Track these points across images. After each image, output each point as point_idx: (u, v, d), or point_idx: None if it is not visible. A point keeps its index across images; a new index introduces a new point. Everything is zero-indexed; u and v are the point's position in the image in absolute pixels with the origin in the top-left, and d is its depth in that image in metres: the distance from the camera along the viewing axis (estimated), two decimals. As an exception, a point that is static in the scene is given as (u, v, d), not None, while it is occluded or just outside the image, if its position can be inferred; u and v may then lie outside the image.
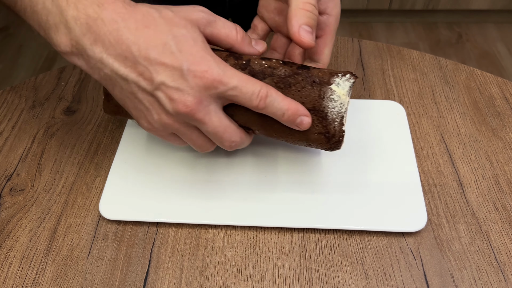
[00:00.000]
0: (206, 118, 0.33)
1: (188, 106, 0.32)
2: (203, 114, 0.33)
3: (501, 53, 1.70)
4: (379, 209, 0.42)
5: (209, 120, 0.33)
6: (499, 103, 0.53)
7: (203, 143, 0.36)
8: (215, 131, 0.34)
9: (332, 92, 0.36)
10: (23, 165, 0.47)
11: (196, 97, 0.32)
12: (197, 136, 0.35)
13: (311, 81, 0.36)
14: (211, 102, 0.33)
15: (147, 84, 0.32)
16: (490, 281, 0.38)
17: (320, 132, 0.37)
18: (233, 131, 0.35)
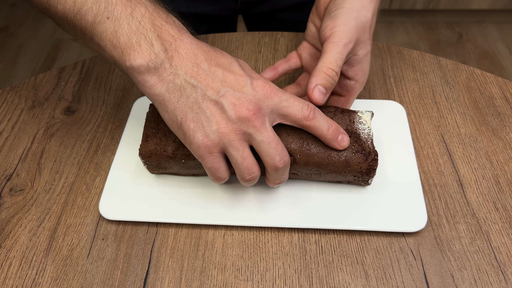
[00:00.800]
0: (263, 127, 0.35)
1: (251, 110, 0.34)
2: (261, 122, 0.35)
3: (501, 53, 1.70)
4: (379, 209, 0.42)
5: (265, 130, 0.35)
6: (499, 103, 0.53)
7: (252, 162, 0.36)
8: (270, 141, 0.35)
9: (360, 117, 0.42)
10: (23, 165, 0.47)
11: (257, 105, 0.35)
12: (248, 153, 0.36)
13: (340, 110, 0.42)
14: (267, 114, 0.36)
15: (213, 93, 0.35)
16: (490, 281, 0.38)
17: (357, 150, 0.40)
18: (284, 147, 0.37)
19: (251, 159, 0.36)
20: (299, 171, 0.41)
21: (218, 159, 0.36)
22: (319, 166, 0.40)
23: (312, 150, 0.40)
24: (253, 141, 0.36)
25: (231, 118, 0.34)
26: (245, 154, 0.36)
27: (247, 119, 0.34)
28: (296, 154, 0.40)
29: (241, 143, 0.35)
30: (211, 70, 0.35)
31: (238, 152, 0.35)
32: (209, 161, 0.36)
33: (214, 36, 0.63)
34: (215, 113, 0.35)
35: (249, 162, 0.36)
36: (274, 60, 0.59)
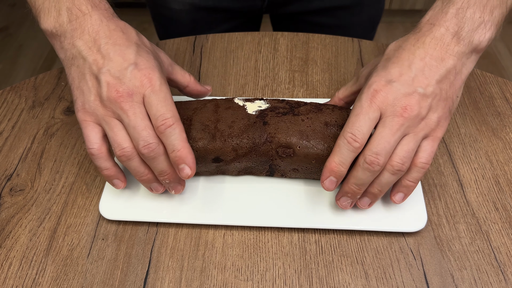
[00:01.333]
0: (131, 111, 0.36)
1: (119, 92, 0.36)
2: (129, 106, 0.36)
3: (501, 53, 1.70)
4: (379, 209, 0.42)
5: (132, 114, 0.36)
6: (499, 103, 0.53)
7: (122, 139, 0.37)
8: (135, 126, 0.36)
9: None
10: (23, 165, 0.47)
11: (129, 89, 0.37)
12: (118, 129, 0.37)
13: (339, 107, 0.43)
14: (140, 102, 0.37)
15: (96, 69, 0.37)
16: (490, 281, 0.38)
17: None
18: (152, 134, 0.37)
19: (121, 134, 0.37)
20: (299, 166, 0.41)
21: (91, 128, 0.38)
22: (319, 159, 0.40)
23: (311, 142, 0.40)
24: (122, 122, 0.37)
25: (103, 95, 0.37)
26: (116, 130, 0.37)
27: (115, 100, 0.36)
28: (295, 146, 0.40)
29: (112, 120, 0.37)
30: (104, 48, 0.38)
31: (109, 127, 0.38)
32: (83, 128, 0.39)
33: (214, 36, 0.63)
34: (93, 87, 0.38)
35: (119, 137, 0.37)
36: (274, 60, 0.59)
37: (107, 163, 0.39)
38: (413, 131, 0.37)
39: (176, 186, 0.41)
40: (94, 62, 0.38)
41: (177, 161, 0.37)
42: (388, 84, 0.37)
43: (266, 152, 0.41)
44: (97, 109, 0.38)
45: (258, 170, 0.44)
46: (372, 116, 0.36)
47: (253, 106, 0.43)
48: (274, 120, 0.41)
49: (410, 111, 0.36)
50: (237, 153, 0.41)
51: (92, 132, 0.38)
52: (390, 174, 0.37)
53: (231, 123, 0.41)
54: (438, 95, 0.37)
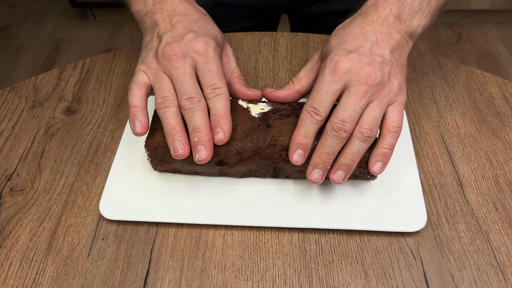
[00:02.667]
0: (181, 69, 0.40)
1: (174, 51, 0.40)
2: (180, 64, 0.40)
3: (501, 53, 1.70)
4: (379, 209, 0.42)
5: (182, 72, 0.39)
6: (499, 103, 0.53)
7: (166, 88, 0.40)
8: (182, 81, 0.39)
9: None
10: (23, 165, 0.48)
11: (183, 51, 0.40)
12: (165, 82, 0.40)
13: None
14: (190, 65, 0.40)
15: (163, 32, 0.43)
16: (490, 281, 0.38)
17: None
18: (197, 90, 0.39)
19: (167, 86, 0.40)
20: (304, 167, 0.41)
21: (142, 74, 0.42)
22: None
23: (315, 142, 0.40)
24: (171, 77, 0.40)
25: (159, 52, 0.41)
26: (163, 81, 0.40)
27: (168, 57, 0.40)
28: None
29: (162, 74, 0.41)
30: (175, 20, 0.43)
31: (157, 79, 0.41)
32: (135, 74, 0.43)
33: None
34: (155, 46, 0.42)
35: (164, 87, 0.40)
36: (274, 60, 0.59)
37: (139, 101, 0.41)
38: (377, 98, 0.38)
39: (201, 150, 0.38)
40: (163, 28, 0.43)
41: (216, 124, 0.39)
42: (349, 54, 0.38)
43: (270, 156, 0.41)
44: (152, 63, 0.41)
45: (262, 173, 0.44)
46: (334, 89, 0.38)
47: (256, 108, 0.43)
48: (277, 123, 0.41)
49: (374, 78, 0.38)
50: (241, 157, 0.41)
51: (140, 76, 0.42)
52: (360, 142, 0.38)
53: (235, 126, 0.41)
54: (395, 63, 0.40)
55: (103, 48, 1.79)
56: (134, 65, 0.59)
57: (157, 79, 0.41)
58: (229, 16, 0.72)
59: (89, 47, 1.79)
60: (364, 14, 0.42)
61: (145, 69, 0.42)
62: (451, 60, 0.59)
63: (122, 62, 0.60)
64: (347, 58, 0.38)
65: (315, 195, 0.43)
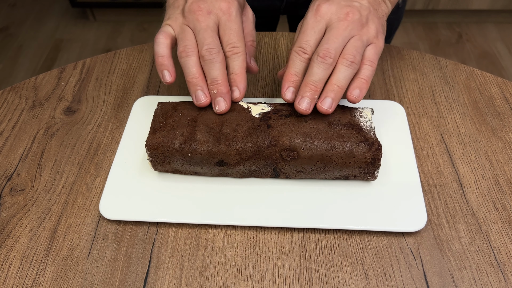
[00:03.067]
0: (204, 23, 0.42)
1: (200, 7, 0.42)
2: (204, 19, 0.42)
3: (501, 53, 1.70)
4: (379, 209, 0.42)
5: (205, 25, 0.42)
6: (499, 103, 0.53)
7: (189, 39, 0.42)
8: (204, 33, 0.41)
9: (360, 112, 0.43)
10: (23, 165, 0.48)
11: (209, 8, 0.42)
12: (189, 33, 0.42)
13: (341, 106, 0.44)
14: (214, 21, 0.42)
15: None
16: (490, 281, 0.38)
17: (360, 141, 0.41)
18: (217, 42, 0.42)
19: (190, 37, 0.42)
20: (304, 168, 0.41)
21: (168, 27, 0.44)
22: (323, 159, 0.40)
23: (315, 143, 0.40)
24: (194, 30, 0.42)
25: (185, 8, 0.43)
26: (186, 33, 0.42)
27: (194, 12, 0.42)
28: (299, 148, 0.40)
29: (187, 28, 0.43)
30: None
31: (182, 30, 0.43)
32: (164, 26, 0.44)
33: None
34: (182, 4, 0.44)
35: (187, 38, 0.42)
36: (274, 60, 0.59)
37: (165, 51, 0.43)
38: (357, 33, 0.42)
39: (220, 102, 0.42)
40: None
41: (233, 82, 0.42)
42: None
43: (270, 156, 0.41)
44: (178, 19, 0.44)
45: (262, 173, 0.44)
46: (317, 28, 0.42)
47: (256, 109, 0.43)
48: (277, 123, 0.41)
49: (352, 15, 0.42)
50: (241, 157, 0.41)
51: (167, 27, 0.44)
52: (345, 67, 0.40)
53: (235, 126, 0.41)
54: (372, 11, 0.43)
55: (103, 48, 1.79)
56: (134, 65, 0.59)
57: (181, 30, 0.43)
58: None
59: (89, 47, 1.79)
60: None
61: (171, 22, 0.44)
62: (451, 60, 0.59)
63: (122, 62, 0.60)
64: (327, 2, 0.42)
65: (315, 195, 0.43)
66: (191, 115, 0.42)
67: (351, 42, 0.41)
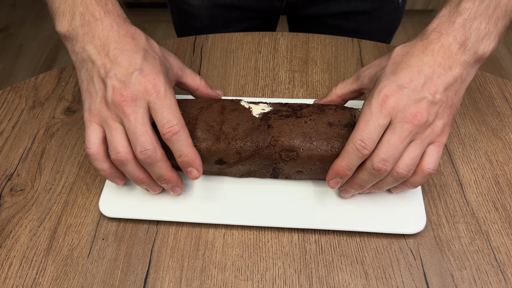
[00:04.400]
0: (132, 116, 0.37)
1: (123, 96, 0.37)
2: (131, 110, 0.37)
3: (501, 53, 1.70)
4: (378, 210, 0.42)
5: (134, 119, 0.37)
6: (499, 103, 0.53)
7: (118, 142, 0.38)
8: (134, 131, 0.37)
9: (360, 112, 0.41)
10: (23, 165, 0.48)
11: (133, 94, 0.37)
12: (118, 133, 0.38)
13: (341, 107, 0.43)
14: (143, 107, 0.38)
15: (103, 72, 0.39)
16: (490, 281, 0.38)
17: None
18: (150, 140, 0.37)
19: (119, 138, 0.38)
20: (303, 168, 0.41)
21: (93, 129, 0.39)
22: (323, 159, 0.40)
23: (314, 143, 0.40)
24: (124, 125, 0.38)
25: (108, 99, 0.38)
26: (114, 133, 0.38)
27: (119, 104, 0.37)
28: (299, 149, 0.40)
29: (114, 123, 0.38)
30: (112, 53, 0.39)
31: (109, 129, 0.38)
32: (86, 128, 0.40)
33: (214, 36, 0.63)
34: (100, 89, 0.39)
35: (116, 141, 0.38)
36: (274, 60, 0.59)
37: (104, 165, 0.40)
38: (419, 138, 0.37)
39: (175, 188, 0.41)
40: (102, 66, 0.39)
41: (184, 165, 0.39)
42: (399, 89, 0.37)
43: (270, 156, 0.41)
44: (101, 111, 0.39)
45: (261, 173, 0.44)
46: (382, 122, 0.36)
47: (257, 109, 0.43)
48: (277, 123, 0.41)
49: (420, 118, 0.36)
50: (240, 156, 0.41)
51: (94, 132, 0.39)
52: (393, 179, 0.38)
53: (235, 126, 0.41)
54: (445, 103, 0.38)
55: (103, 48, 1.79)
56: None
57: (109, 129, 0.38)
58: (227, 17, 0.72)
59: (89, 47, 1.79)
60: (426, 41, 0.39)
61: (95, 119, 0.39)
62: (451, 60, 0.59)
63: (122, 62, 0.60)
64: (396, 94, 0.36)
65: (315, 196, 0.43)
66: (192, 113, 0.42)
67: (410, 151, 0.37)
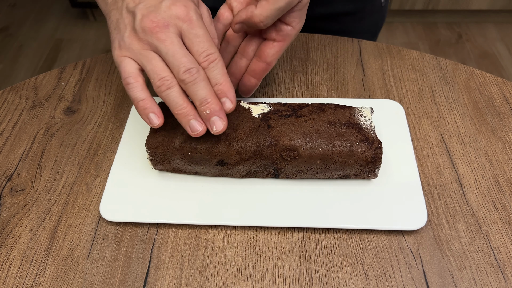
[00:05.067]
0: (168, 40, 0.36)
1: (154, 22, 0.36)
2: (165, 35, 0.36)
3: (501, 53, 1.70)
4: (379, 208, 0.42)
5: (170, 43, 0.36)
6: (498, 103, 0.53)
7: (161, 68, 0.36)
8: (174, 53, 0.36)
9: (360, 111, 0.43)
10: (23, 165, 0.48)
11: (164, 20, 0.36)
12: (156, 61, 0.37)
13: (341, 106, 0.44)
14: (176, 32, 0.36)
15: (132, 4, 0.37)
16: (490, 281, 0.38)
17: (361, 139, 0.41)
18: (192, 60, 0.36)
19: (160, 65, 0.37)
20: (304, 167, 0.41)
21: (127, 62, 0.37)
22: (324, 158, 0.40)
23: (315, 142, 0.40)
24: (159, 53, 0.37)
25: (137, 28, 0.36)
26: (154, 61, 0.37)
27: (150, 31, 0.36)
28: (300, 148, 0.40)
29: (149, 52, 0.37)
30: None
31: (146, 59, 0.37)
32: (120, 63, 0.38)
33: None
34: (129, 23, 0.37)
35: (158, 67, 0.36)
36: (274, 60, 0.59)
37: (143, 93, 0.37)
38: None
39: (217, 121, 0.37)
40: (131, 1, 0.38)
41: (219, 94, 0.37)
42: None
43: (270, 156, 0.41)
44: (132, 44, 0.37)
45: (262, 173, 0.44)
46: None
47: (257, 109, 0.43)
48: (277, 123, 0.41)
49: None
50: (241, 157, 0.41)
51: (128, 64, 0.38)
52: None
53: (236, 126, 0.41)
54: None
55: (103, 48, 1.79)
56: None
57: (146, 60, 0.37)
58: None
59: (89, 47, 1.79)
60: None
61: (127, 53, 0.37)
62: (451, 60, 0.59)
63: (122, 62, 0.60)
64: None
65: (315, 195, 0.43)
66: None
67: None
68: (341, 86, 0.55)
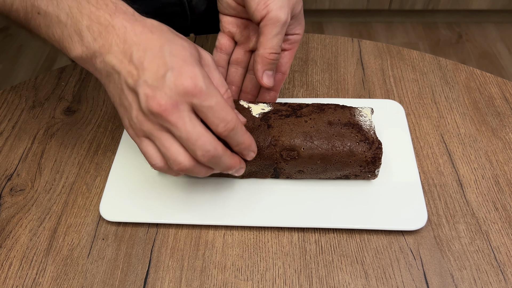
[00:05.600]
0: (180, 122, 0.33)
1: (162, 105, 0.32)
2: (176, 117, 0.33)
3: (501, 53, 1.70)
4: (379, 208, 0.42)
5: (182, 125, 0.33)
6: (499, 103, 0.53)
7: (176, 152, 0.34)
8: (188, 137, 0.33)
9: (360, 111, 0.43)
10: (23, 165, 0.48)
11: (172, 99, 0.32)
12: (170, 144, 0.34)
13: (341, 106, 0.44)
14: (187, 109, 0.33)
15: (132, 81, 0.33)
16: (490, 281, 0.38)
17: (361, 140, 0.41)
18: (208, 140, 0.34)
19: (174, 148, 0.34)
20: (304, 167, 0.41)
21: (146, 144, 0.35)
22: (324, 158, 0.40)
23: (315, 142, 0.40)
24: (173, 134, 0.34)
25: (144, 109, 0.33)
26: (167, 144, 0.34)
27: (160, 115, 0.33)
28: (300, 148, 0.40)
29: (161, 134, 0.34)
30: (135, 57, 0.33)
31: (159, 142, 0.34)
32: (138, 145, 0.36)
33: (214, 36, 0.63)
34: (133, 101, 0.34)
35: (173, 152, 0.34)
36: (274, 60, 0.59)
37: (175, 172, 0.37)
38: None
39: (239, 170, 0.38)
40: (128, 75, 0.34)
41: (242, 151, 0.37)
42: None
43: (270, 156, 0.41)
44: (142, 125, 0.34)
45: (262, 174, 0.44)
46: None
47: (257, 108, 0.43)
48: (277, 123, 0.41)
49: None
50: None
51: (149, 147, 0.35)
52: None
53: None
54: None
55: (103, 48, 1.79)
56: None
57: (159, 142, 0.34)
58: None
59: (89, 47, 1.79)
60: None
61: (140, 133, 0.35)
62: (451, 60, 0.59)
63: (122, 62, 0.60)
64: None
65: (315, 195, 0.43)
66: None
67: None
68: (341, 86, 0.55)
